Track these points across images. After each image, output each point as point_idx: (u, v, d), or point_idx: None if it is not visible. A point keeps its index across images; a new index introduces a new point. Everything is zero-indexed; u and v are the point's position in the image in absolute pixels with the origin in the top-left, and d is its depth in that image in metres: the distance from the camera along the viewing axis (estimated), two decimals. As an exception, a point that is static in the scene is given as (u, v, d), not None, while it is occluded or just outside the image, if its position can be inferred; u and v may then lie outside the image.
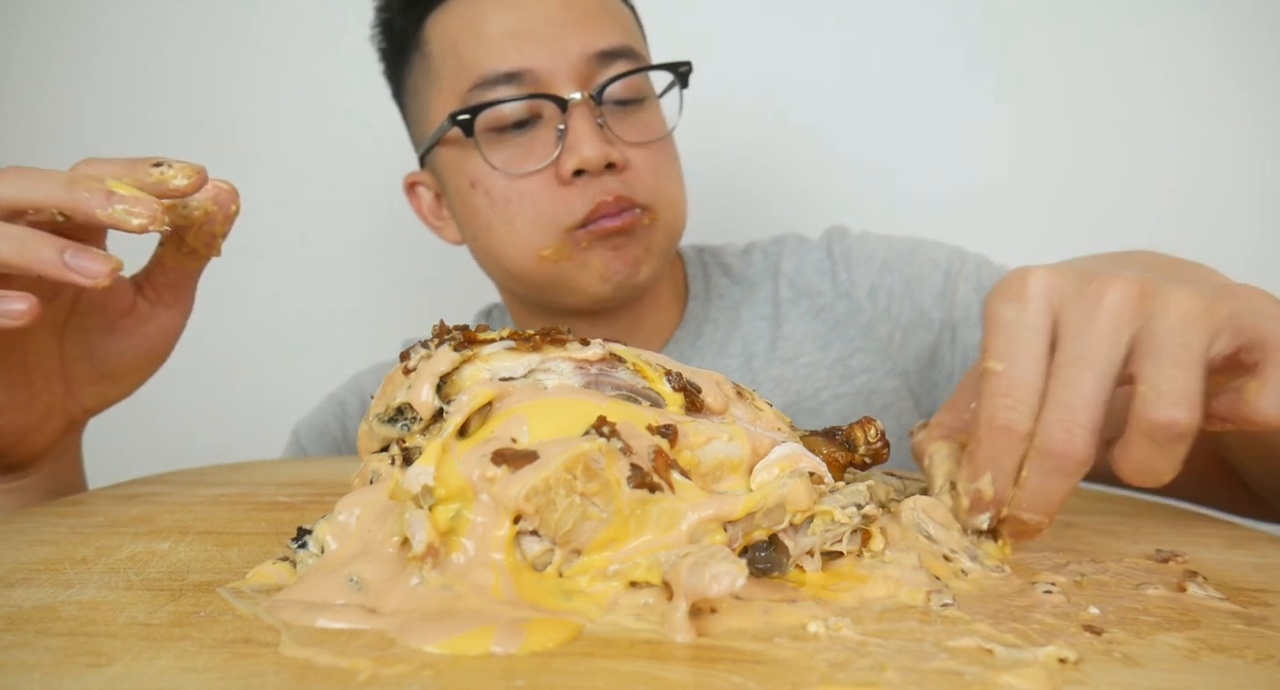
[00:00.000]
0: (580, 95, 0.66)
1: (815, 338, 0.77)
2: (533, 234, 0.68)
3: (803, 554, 0.33)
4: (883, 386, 0.75)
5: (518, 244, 0.69)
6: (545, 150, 0.67)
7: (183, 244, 0.47)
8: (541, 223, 0.68)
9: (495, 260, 0.72)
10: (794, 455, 0.35)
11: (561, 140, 0.66)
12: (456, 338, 0.36)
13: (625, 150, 0.68)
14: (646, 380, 0.36)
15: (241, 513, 0.43)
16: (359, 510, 0.32)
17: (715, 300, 0.81)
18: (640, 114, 0.70)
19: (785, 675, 0.25)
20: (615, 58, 0.68)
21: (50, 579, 0.32)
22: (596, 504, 0.30)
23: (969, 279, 0.75)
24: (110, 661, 0.25)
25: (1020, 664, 0.26)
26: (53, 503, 0.46)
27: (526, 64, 0.66)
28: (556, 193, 0.67)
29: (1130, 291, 0.34)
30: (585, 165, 0.65)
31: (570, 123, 0.66)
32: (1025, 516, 0.35)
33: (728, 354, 0.78)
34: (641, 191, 0.68)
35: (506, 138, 0.68)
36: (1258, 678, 0.26)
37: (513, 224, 0.69)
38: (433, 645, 0.26)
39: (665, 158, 0.71)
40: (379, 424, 0.36)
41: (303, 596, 0.29)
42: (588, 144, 0.65)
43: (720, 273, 0.83)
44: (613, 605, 0.29)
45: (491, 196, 0.69)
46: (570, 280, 0.69)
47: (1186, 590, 0.34)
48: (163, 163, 0.41)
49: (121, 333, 0.49)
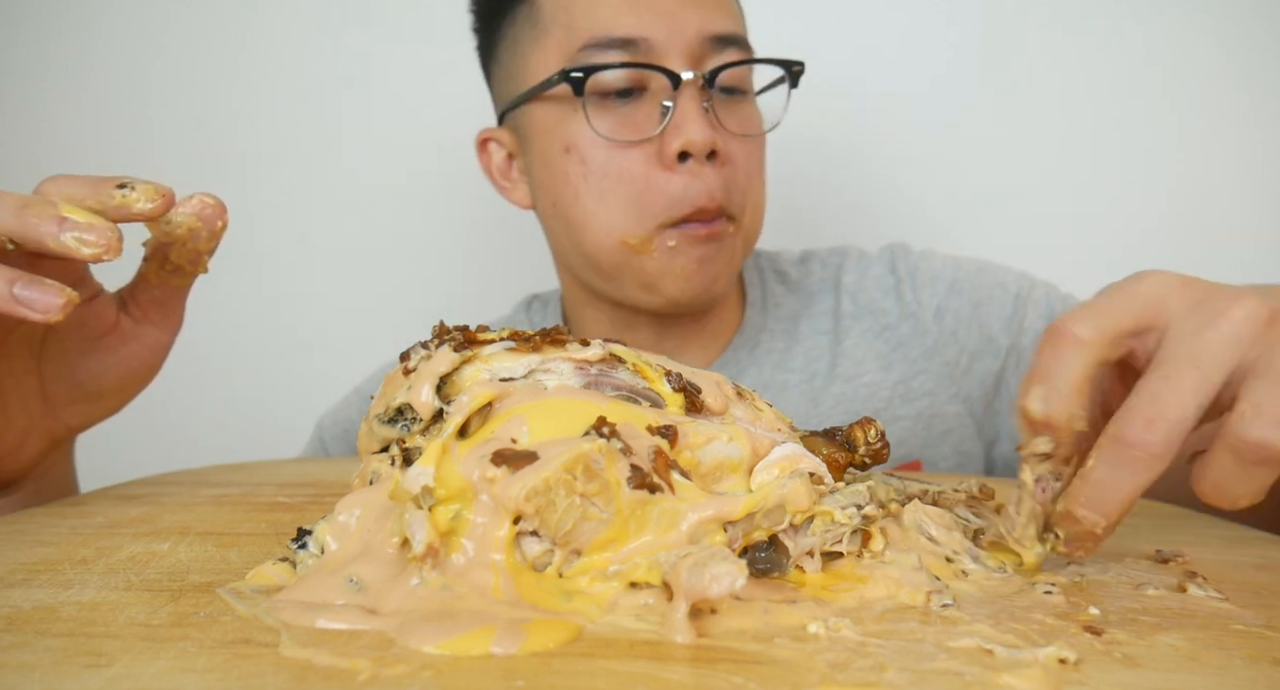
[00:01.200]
0: (693, 74, 0.64)
1: (878, 357, 0.75)
2: (625, 215, 0.66)
3: (803, 554, 0.33)
4: (944, 411, 0.73)
5: (605, 222, 0.66)
6: (649, 125, 0.65)
7: (166, 261, 0.46)
8: (636, 207, 0.65)
9: (574, 234, 0.69)
10: (794, 456, 0.35)
11: (667, 118, 0.64)
12: (456, 338, 0.36)
13: (728, 141, 0.66)
14: (646, 381, 0.36)
15: (242, 513, 0.43)
16: (359, 511, 0.32)
17: (772, 309, 0.79)
18: (743, 106, 0.69)
19: (785, 676, 0.25)
20: (729, 44, 0.66)
21: (50, 579, 0.32)
22: (596, 504, 0.30)
23: (1038, 305, 0.74)
24: (110, 662, 0.25)
25: (1020, 664, 0.26)
26: (53, 503, 0.46)
27: (642, 33, 0.64)
28: (659, 177, 0.65)
29: (1261, 312, 0.30)
30: (690, 148, 0.63)
31: (679, 101, 0.64)
32: (1081, 512, 0.32)
33: (788, 368, 0.76)
34: (736, 196, 0.67)
35: (608, 104, 0.65)
36: (1257, 678, 0.26)
37: (605, 200, 0.66)
38: (432, 646, 0.26)
39: (759, 159, 0.70)
40: (379, 424, 0.36)
41: (303, 597, 0.29)
42: (695, 125, 0.63)
43: (777, 280, 0.81)
44: (613, 606, 0.29)
45: (587, 165, 0.66)
46: (645, 276, 0.67)
47: (1186, 590, 0.34)
48: (127, 184, 0.39)
49: (104, 351, 0.47)
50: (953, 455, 0.73)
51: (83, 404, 0.48)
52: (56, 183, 0.40)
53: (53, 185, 0.40)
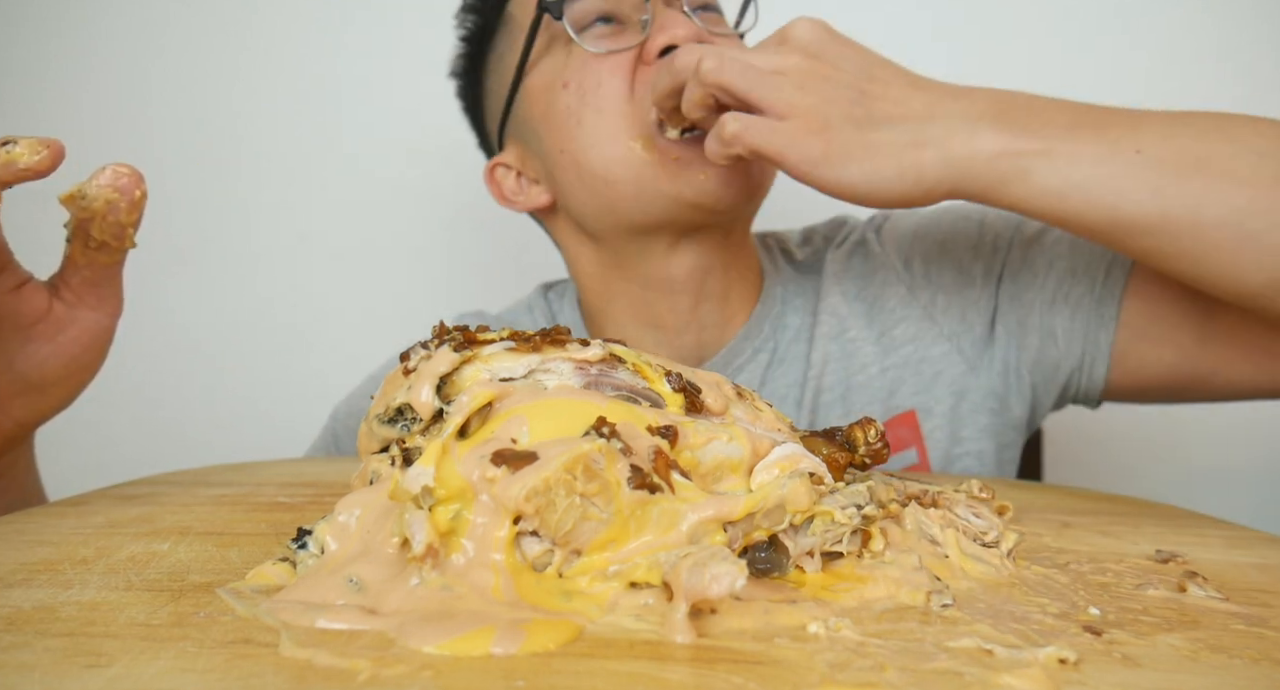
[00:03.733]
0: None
1: (858, 316, 0.75)
2: (619, 111, 0.66)
3: (803, 554, 0.33)
4: (930, 353, 0.72)
5: (607, 130, 0.66)
6: (631, 37, 0.67)
7: (90, 238, 0.43)
8: (627, 96, 0.66)
9: (585, 166, 0.68)
10: (794, 456, 0.35)
11: (647, 30, 0.66)
12: (456, 338, 0.36)
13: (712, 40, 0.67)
14: (646, 381, 0.36)
15: (242, 513, 0.43)
16: (359, 511, 0.32)
17: (788, 282, 0.78)
18: (719, 22, 0.71)
19: (785, 676, 0.25)
20: None
21: (50, 579, 0.32)
22: (596, 504, 0.30)
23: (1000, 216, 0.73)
24: (110, 662, 0.25)
25: (1020, 664, 0.26)
26: (53, 503, 0.46)
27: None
28: (643, 71, 0.66)
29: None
30: (675, 40, 0.65)
31: (656, 9, 0.66)
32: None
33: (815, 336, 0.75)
34: None
35: (593, 30, 0.67)
36: (1257, 678, 0.26)
37: (602, 110, 0.66)
38: (432, 646, 0.26)
39: None
40: (379, 424, 0.36)
41: (302, 597, 0.29)
42: (677, 21, 0.65)
43: (784, 260, 0.81)
44: (613, 606, 0.29)
45: (582, 86, 0.66)
46: (669, 188, 0.65)
47: (1186, 591, 0.34)
48: (10, 140, 0.37)
49: (40, 339, 0.45)
50: (946, 397, 0.71)
51: (29, 396, 0.46)
52: None
53: None
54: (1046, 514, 0.47)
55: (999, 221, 0.73)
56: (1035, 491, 0.54)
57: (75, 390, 0.48)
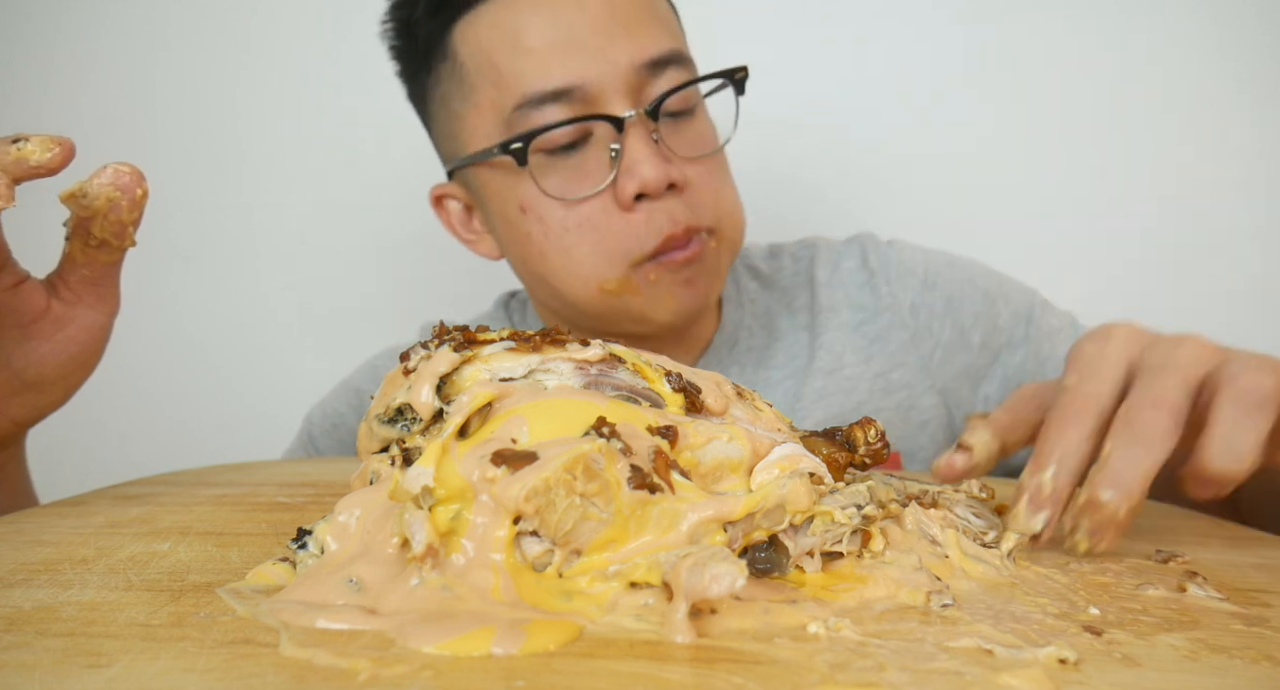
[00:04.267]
0: (634, 113, 0.62)
1: (856, 350, 0.75)
2: (595, 265, 0.65)
3: (803, 554, 0.33)
4: (921, 402, 0.74)
5: (578, 275, 0.65)
6: (600, 171, 0.63)
7: (90, 237, 0.43)
8: (604, 254, 0.64)
9: (549, 288, 0.68)
10: (794, 456, 0.35)
11: (617, 162, 0.62)
12: (456, 338, 0.36)
13: (683, 168, 0.64)
14: (646, 381, 0.36)
15: (242, 513, 0.43)
16: (359, 511, 0.32)
17: (748, 305, 0.79)
18: (694, 125, 0.67)
19: (785, 676, 0.25)
20: (666, 65, 0.64)
21: (50, 579, 0.32)
22: (596, 504, 0.30)
23: (1010, 302, 0.75)
24: (110, 662, 0.25)
25: (1020, 664, 0.26)
26: (53, 503, 0.46)
27: (574, 80, 0.62)
28: (618, 221, 0.63)
29: (1206, 346, 0.36)
30: (646, 188, 0.62)
31: (626, 143, 0.62)
32: (1104, 495, 0.34)
33: (770, 365, 0.76)
34: (705, 214, 0.65)
35: (557, 160, 0.64)
36: (1257, 678, 0.26)
37: (571, 254, 0.65)
38: (432, 646, 0.26)
39: (721, 171, 0.68)
40: (379, 425, 0.36)
41: (302, 597, 0.29)
42: (647, 165, 0.61)
43: (749, 276, 0.81)
44: (613, 606, 0.29)
45: (546, 224, 0.65)
46: (635, 311, 0.66)
47: (1186, 591, 0.34)
48: (21, 138, 0.37)
49: (39, 338, 0.45)
50: (929, 445, 0.73)
51: (26, 395, 0.46)
52: None
53: None
54: (1046, 514, 0.47)
55: (1007, 303, 0.75)
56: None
57: (72, 389, 0.48)
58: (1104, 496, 0.34)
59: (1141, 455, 0.34)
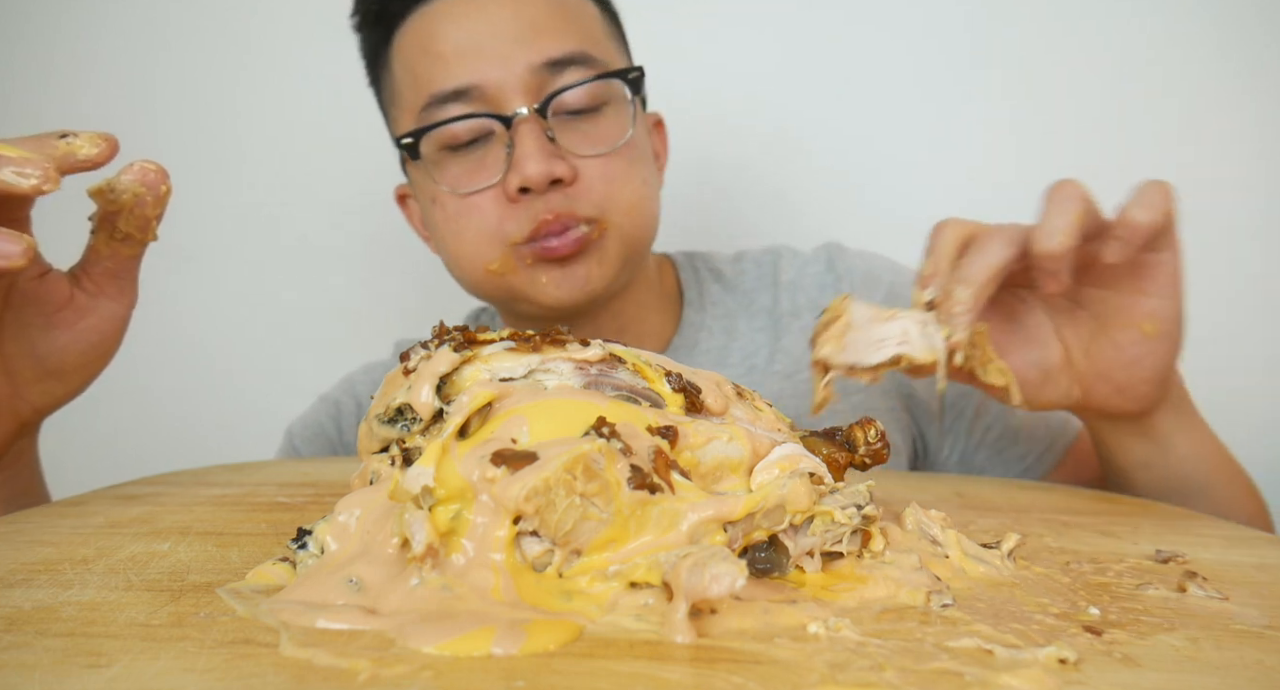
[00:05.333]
0: (525, 111, 0.65)
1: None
2: (478, 248, 0.68)
3: (803, 554, 0.33)
4: (878, 405, 0.76)
5: (466, 257, 0.69)
6: (496, 166, 0.67)
7: (115, 230, 0.45)
8: (485, 238, 0.68)
9: (455, 272, 0.73)
10: (794, 456, 0.35)
11: (509, 156, 0.65)
12: (456, 338, 0.36)
13: (576, 163, 0.67)
14: (646, 381, 0.36)
15: (242, 513, 0.43)
16: (359, 511, 0.32)
17: (710, 307, 0.81)
18: (596, 123, 0.68)
19: (785, 676, 0.25)
20: (566, 66, 0.66)
21: (50, 579, 0.32)
22: (596, 504, 0.30)
23: None
24: (110, 662, 0.25)
25: (1020, 664, 0.26)
26: (53, 503, 0.46)
27: (473, 80, 0.65)
28: (503, 209, 0.67)
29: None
30: (528, 183, 0.64)
31: (516, 139, 0.65)
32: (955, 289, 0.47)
33: (727, 365, 0.78)
34: (587, 204, 0.67)
35: (459, 156, 0.68)
36: (1257, 678, 0.26)
37: (461, 238, 0.69)
38: (432, 646, 0.26)
39: (623, 165, 0.69)
40: (379, 425, 0.36)
41: (302, 597, 0.29)
42: (531, 162, 0.64)
43: (712, 279, 0.83)
44: (613, 606, 0.29)
45: (445, 212, 0.69)
46: (521, 292, 0.69)
47: (1186, 591, 0.34)
48: (69, 134, 0.39)
49: (61, 327, 0.47)
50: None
51: (47, 382, 0.48)
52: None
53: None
54: (1047, 514, 0.47)
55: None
56: (1036, 492, 0.54)
57: (90, 377, 0.50)
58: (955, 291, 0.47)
59: (982, 264, 0.47)
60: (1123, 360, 0.52)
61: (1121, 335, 0.52)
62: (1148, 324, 0.52)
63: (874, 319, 0.48)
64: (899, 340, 0.47)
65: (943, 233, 0.51)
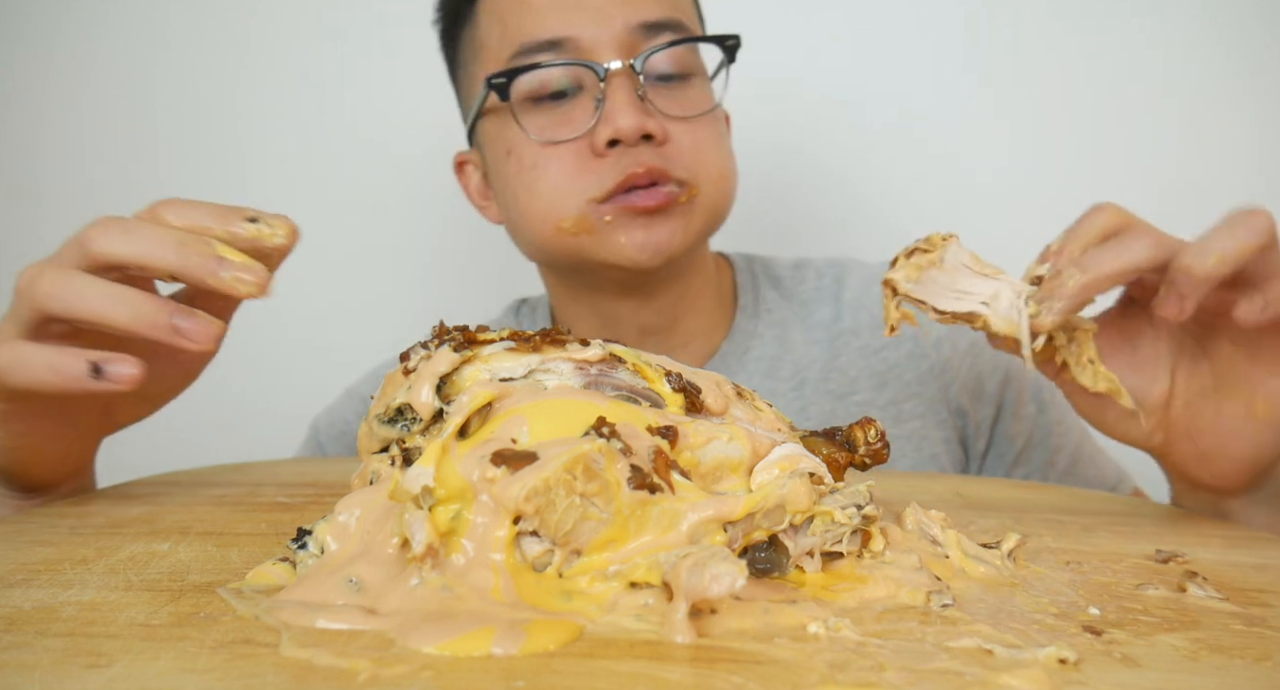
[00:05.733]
0: (620, 64, 0.63)
1: (872, 375, 0.74)
2: (554, 200, 0.65)
3: (803, 554, 0.33)
4: (932, 435, 0.73)
5: (537, 213, 0.66)
6: (583, 120, 0.65)
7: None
8: (562, 192, 0.65)
9: (522, 234, 0.70)
10: (794, 456, 0.35)
11: (599, 110, 0.64)
12: (456, 338, 0.36)
13: (665, 124, 0.65)
14: (646, 381, 0.36)
15: (242, 513, 0.43)
16: (359, 511, 0.32)
17: (764, 315, 0.78)
18: (685, 90, 0.67)
19: (785, 675, 0.25)
20: (661, 30, 0.65)
21: (50, 579, 0.32)
22: (596, 504, 0.30)
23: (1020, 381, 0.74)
24: (110, 662, 0.25)
25: (1020, 664, 0.26)
26: (53, 503, 0.46)
27: (568, 32, 0.64)
28: (586, 162, 0.64)
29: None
30: (620, 135, 0.62)
31: (608, 92, 0.63)
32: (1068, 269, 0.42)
33: (777, 377, 0.75)
34: (679, 165, 0.65)
35: (545, 107, 0.66)
36: (1257, 678, 0.26)
37: (534, 190, 0.66)
38: (432, 646, 0.26)
39: (712, 134, 0.68)
40: (379, 425, 0.36)
41: (302, 597, 0.29)
42: (623, 113, 0.62)
43: (770, 286, 0.80)
44: (613, 606, 0.29)
45: (521, 163, 0.66)
46: (590, 253, 0.66)
47: (1186, 591, 0.34)
48: (259, 219, 0.40)
49: (164, 358, 0.46)
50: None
51: (139, 405, 0.50)
52: (178, 208, 0.41)
53: (176, 212, 0.40)
54: (1047, 514, 0.47)
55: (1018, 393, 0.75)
56: (1036, 492, 0.54)
57: (170, 399, 0.52)
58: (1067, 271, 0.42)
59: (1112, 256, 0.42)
60: (1218, 429, 0.46)
61: (1229, 403, 0.45)
62: (1261, 403, 0.45)
63: (971, 269, 0.45)
64: (983, 299, 0.44)
65: (1093, 215, 0.45)
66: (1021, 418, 0.74)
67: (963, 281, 0.45)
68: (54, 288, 0.39)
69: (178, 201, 0.41)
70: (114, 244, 0.39)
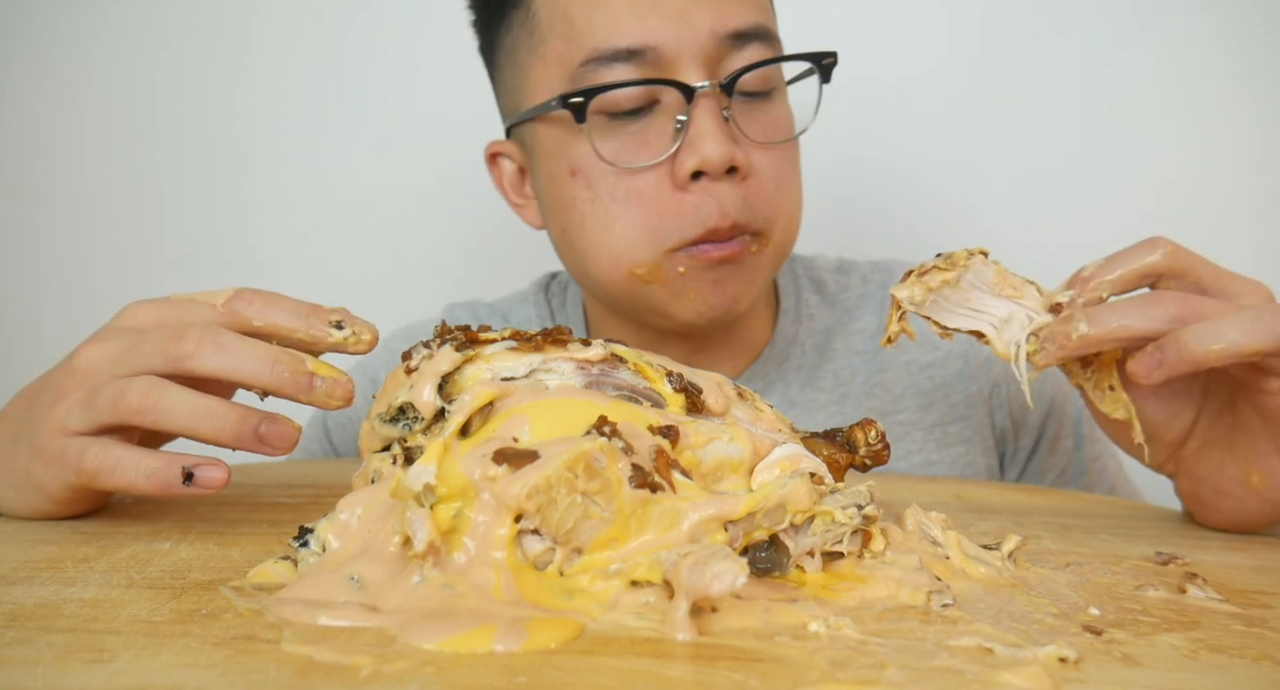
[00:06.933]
0: (709, 84, 0.57)
1: (918, 394, 0.70)
2: (632, 243, 0.60)
3: (803, 554, 0.33)
4: (977, 463, 0.69)
5: (611, 251, 0.61)
6: (661, 142, 0.58)
7: None
8: (645, 232, 0.59)
9: (581, 263, 0.64)
10: (795, 456, 0.35)
11: (681, 134, 0.57)
12: (458, 338, 0.36)
13: (750, 152, 0.59)
14: (648, 381, 0.36)
15: (243, 513, 0.43)
16: (360, 509, 0.32)
17: (805, 320, 0.73)
18: (769, 109, 0.61)
19: (786, 673, 0.25)
20: (750, 40, 0.59)
21: (52, 577, 0.32)
22: (598, 503, 0.30)
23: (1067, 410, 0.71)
24: (112, 658, 0.25)
25: (1020, 663, 0.26)
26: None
27: (649, 40, 0.57)
28: (669, 199, 0.59)
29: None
30: (706, 167, 0.57)
31: (694, 115, 0.57)
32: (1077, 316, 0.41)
33: (817, 387, 0.71)
34: (760, 211, 0.60)
35: (618, 124, 0.59)
36: (1257, 678, 0.26)
37: (611, 228, 0.60)
38: (434, 643, 0.26)
39: (790, 166, 0.63)
40: (380, 423, 0.36)
41: (304, 595, 0.29)
42: (711, 142, 0.56)
43: (812, 289, 0.75)
44: (614, 604, 0.29)
45: (594, 190, 0.60)
46: (658, 304, 0.62)
47: (1186, 592, 0.34)
48: (343, 324, 0.40)
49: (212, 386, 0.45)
50: None
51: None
52: (259, 307, 0.41)
53: (255, 311, 0.41)
54: (1047, 517, 0.47)
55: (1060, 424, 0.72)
56: (1036, 495, 0.54)
57: None
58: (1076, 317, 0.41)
59: (1127, 319, 0.41)
60: (1215, 484, 0.46)
61: (1231, 465, 0.45)
62: (1257, 476, 0.44)
63: (995, 287, 0.43)
64: (994, 321, 0.43)
65: (1141, 250, 0.43)
66: (1058, 452, 0.71)
67: (976, 300, 0.44)
68: (145, 402, 0.38)
69: (257, 297, 0.41)
70: (208, 362, 0.38)
